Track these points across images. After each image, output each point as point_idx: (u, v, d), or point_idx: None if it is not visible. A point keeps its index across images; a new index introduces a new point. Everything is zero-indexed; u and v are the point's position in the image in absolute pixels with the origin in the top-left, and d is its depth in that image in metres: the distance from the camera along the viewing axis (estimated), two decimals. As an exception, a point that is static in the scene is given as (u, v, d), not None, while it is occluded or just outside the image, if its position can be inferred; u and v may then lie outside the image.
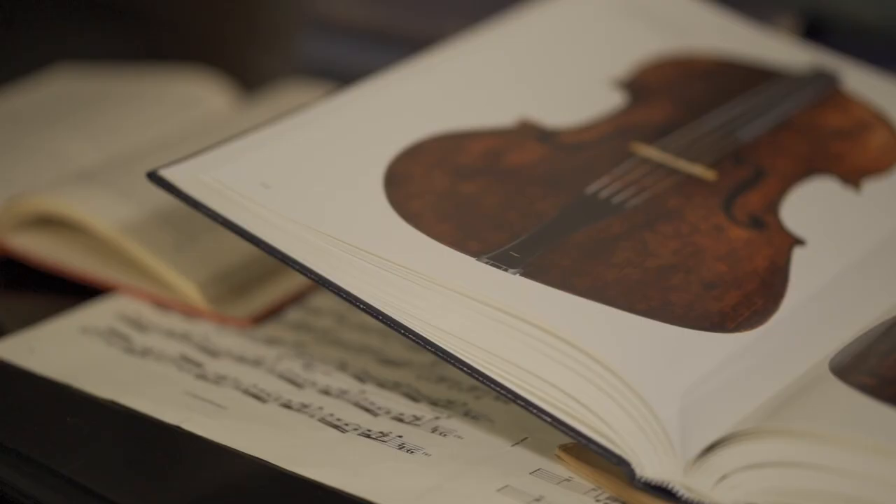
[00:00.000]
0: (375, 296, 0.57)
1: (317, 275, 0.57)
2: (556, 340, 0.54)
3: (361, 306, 0.57)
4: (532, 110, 0.67)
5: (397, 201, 0.60)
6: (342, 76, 0.76)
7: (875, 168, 0.67)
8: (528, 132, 0.66)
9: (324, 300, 0.68)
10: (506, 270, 0.57)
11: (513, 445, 0.58)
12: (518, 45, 0.71)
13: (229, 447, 0.57)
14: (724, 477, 0.52)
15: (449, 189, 0.61)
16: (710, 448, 0.52)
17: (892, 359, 0.54)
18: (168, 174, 0.60)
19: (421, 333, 0.56)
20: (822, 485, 0.50)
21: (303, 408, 0.60)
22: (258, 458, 0.57)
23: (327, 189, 0.60)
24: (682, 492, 0.52)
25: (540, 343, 0.55)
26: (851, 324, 0.58)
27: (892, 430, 0.51)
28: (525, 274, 0.57)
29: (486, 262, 0.57)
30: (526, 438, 0.58)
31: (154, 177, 0.60)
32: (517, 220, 0.60)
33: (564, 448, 0.56)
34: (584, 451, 0.55)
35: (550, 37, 0.72)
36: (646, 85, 0.71)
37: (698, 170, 0.65)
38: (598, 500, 0.54)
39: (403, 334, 0.56)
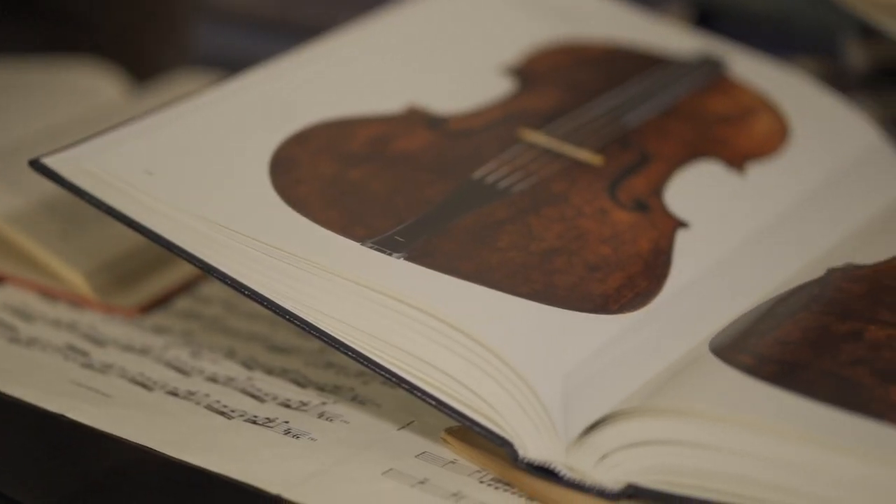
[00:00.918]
0: (261, 282, 0.57)
1: (201, 262, 0.57)
2: (439, 324, 0.55)
3: (246, 293, 0.57)
4: (421, 97, 0.67)
5: (283, 187, 0.60)
6: (237, 66, 0.75)
7: (759, 152, 0.68)
8: (417, 119, 0.66)
9: (213, 288, 0.68)
10: (390, 255, 0.57)
11: (399, 429, 0.58)
12: (408, 33, 0.71)
13: (114, 435, 0.57)
14: (605, 456, 0.52)
15: (335, 175, 0.61)
16: (592, 428, 0.53)
17: (771, 338, 0.55)
18: (51, 162, 0.59)
19: (307, 319, 0.56)
20: (700, 462, 0.51)
21: (189, 395, 0.60)
22: (143, 446, 0.56)
23: (212, 176, 0.60)
24: (564, 472, 0.53)
25: (424, 326, 0.55)
26: (733, 305, 0.59)
27: (770, 408, 0.51)
28: (409, 258, 0.57)
29: (371, 247, 0.57)
30: (412, 422, 0.58)
31: (37, 165, 0.60)
32: (404, 205, 0.60)
33: (450, 431, 0.57)
34: (469, 433, 0.55)
35: (441, 24, 0.73)
36: (535, 71, 0.71)
37: (585, 154, 0.65)
38: (482, 482, 0.55)
39: (289, 320, 0.56)
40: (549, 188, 0.63)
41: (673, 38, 0.76)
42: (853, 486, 0.49)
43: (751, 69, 0.74)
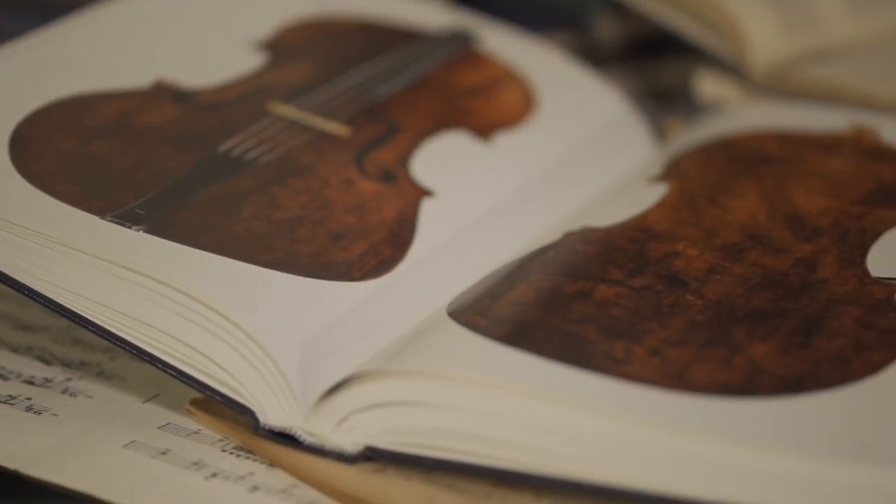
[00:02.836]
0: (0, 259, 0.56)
1: (-63, 240, 0.57)
2: (178, 294, 0.55)
3: (-19, 270, 0.56)
4: (170, 72, 0.67)
5: (21, 163, 0.59)
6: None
7: (506, 122, 0.69)
8: (164, 93, 0.66)
9: (-42, 268, 0.67)
10: (130, 228, 0.57)
11: (144, 402, 0.58)
12: (159, 9, 0.71)
13: None
14: (343, 420, 0.53)
15: (76, 150, 0.61)
16: (330, 392, 0.53)
17: (506, 299, 0.56)
18: None
19: (47, 295, 0.56)
20: (435, 422, 0.52)
21: (-72, 376, 0.59)
22: None
23: (-52, 153, 0.59)
24: (304, 437, 0.53)
25: (163, 298, 0.55)
26: (477, 270, 0.60)
27: (500, 366, 0.52)
28: (149, 231, 0.57)
29: (110, 221, 0.57)
30: (158, 395, 0.58)
31: None
32: (146, 178, 0.60)
33: (194, 402, 0.57)
34: (213, 403, 0.55)
35: (192, 0, 0.73)
36: (287, 46, 0.71)
37: (333, 126, 0.66)
38: (224, 450, 0.55)
39: (30, 297, 0.56)
40: (296, 159, 0.63)
41: (426, 13, 0.77)
42: (578, 438, 0.50)
43: (503, 43, 0.76)
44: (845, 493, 0.47)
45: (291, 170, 0.62)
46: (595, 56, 0.83)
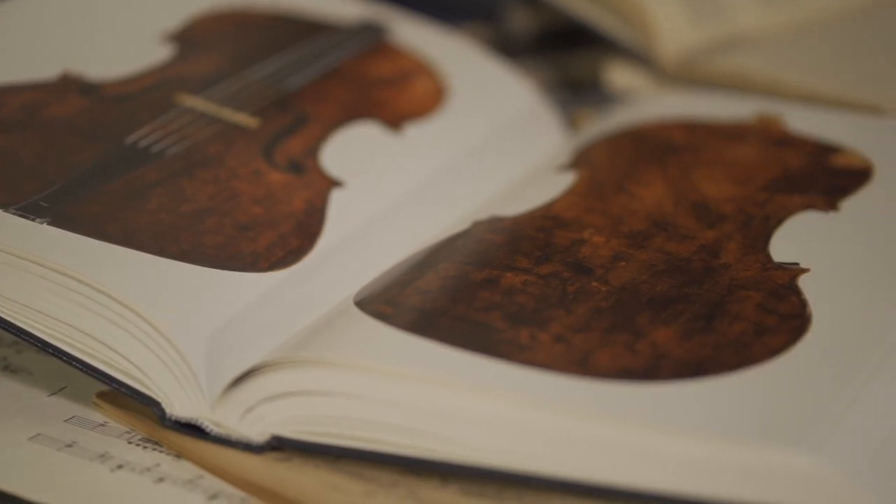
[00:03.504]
0: None
1: None
2: (82, 286, 0.54)
3: None
4: (77, 64, 0.67)
5: (-77, 155, 0.59)
6: None
7: (417, 113, 0.70)
8: (70, 85, 0.65)
9: None
10: (33, 220, 0.57)
11: (49, 395, 0.57)
12: (67, 1, 0.71)
13: None
14: (249, 410, 0.53)
15: (-21, 142, 0.61)
16: (236, 382, 0.53)
17: (412, 288, 0.57)
18: None
19: (-52, 288, 0.55)
20: (339, 411, 0.52)
21: None
22: None
23: None
24: (210, 427, 0.53)
25: (67, 290, 0.55)
26: (385, 260, 0.60)
27: (404, 354, 0.52)
28: (53, 223, 0.57)
29: (13, 213, 0.57)
30: (64, 388, 0.58)
31: None
32: (52, 170, 0.60)
33: (101, 395, 0.56)
34: (120, 396, 0.55)
35: (101, -8, 0.72)
36: (196, 37, 0.71)
37: (241, 118, 0.66)
38: (130, 442, 0.55)
39: (-67, 291, 0.56)
40: (205, 151, 0.63)
41: (337, 5, 0.77)
42: (483, 425, 0.50)
43: (415, 35, 0.76)
44: (745, 475, 0.48)
45: (199, 161, 0.62)
46: (508, 47, 0.83)
